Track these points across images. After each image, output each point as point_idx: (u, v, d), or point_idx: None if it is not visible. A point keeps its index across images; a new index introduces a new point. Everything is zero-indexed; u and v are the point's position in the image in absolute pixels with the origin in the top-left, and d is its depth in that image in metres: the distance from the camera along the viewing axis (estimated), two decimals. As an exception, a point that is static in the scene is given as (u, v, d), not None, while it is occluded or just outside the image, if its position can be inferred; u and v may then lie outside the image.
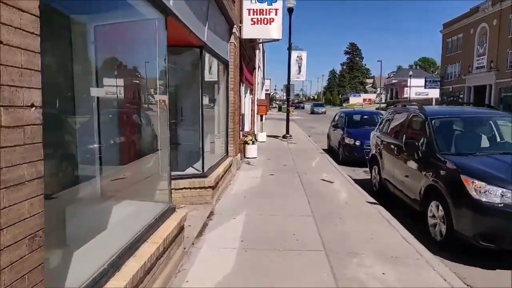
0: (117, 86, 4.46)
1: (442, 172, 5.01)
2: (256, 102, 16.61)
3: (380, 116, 12.65)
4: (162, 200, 4.08)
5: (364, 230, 5.21)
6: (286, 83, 17.26)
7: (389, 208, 6.29)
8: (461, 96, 47.30)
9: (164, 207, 3.92)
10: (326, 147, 14.95)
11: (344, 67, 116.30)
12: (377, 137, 7.94)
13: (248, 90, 14.95)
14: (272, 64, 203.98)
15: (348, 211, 6.11)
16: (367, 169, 10.61)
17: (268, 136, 18.60)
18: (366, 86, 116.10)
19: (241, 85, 12.27)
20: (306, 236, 4.90)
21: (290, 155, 12.44)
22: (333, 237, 4.92)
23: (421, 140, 5.77)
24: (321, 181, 8.42)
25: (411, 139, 6.02)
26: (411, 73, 58.20)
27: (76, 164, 3.55)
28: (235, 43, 8.92)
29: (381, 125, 8.09)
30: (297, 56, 16.98)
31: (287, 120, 17.46)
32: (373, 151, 7.98)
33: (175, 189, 5.47)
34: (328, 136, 14.45)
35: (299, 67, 17.00)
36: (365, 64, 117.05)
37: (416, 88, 59.47)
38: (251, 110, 16.29)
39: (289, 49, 16.57)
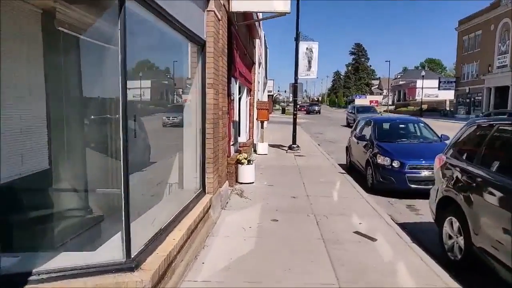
0: None
1: None
2: (255, 105, 13.41)
3: (422, 124, 9.40)
4: None
5: None
6: (293, 82, 14.06)
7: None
8: (479, 97, 43.88)
9: None
10: (343, 162, 11.73)
11: (350, 68, 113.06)
12: (451, 165, 4.71)
13: (245, 90, 11.78)
14: (274, 62, 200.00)
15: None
16: (411, 202, 7.43)
17: (270, 145, 15.41)
18: (372, 88, 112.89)
19: (234, 82, 9.07)
20: None
21: (299, 178, 9.20)
22: None
23: None
24: (354, 234, 5.20)
25: None
26: (423, 73, 54.79)
27: None
28: (219, 15, 5.73)
29: (457, 145, 4.87)
30: (307, 48, 13.68)
31: (294, 128, 14.22)
32: (444, 191, 4.73)
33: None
34: (348, 149, 11.18)
35: (309, 62, 13.68)
36: (370, 66, 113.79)
37: (426, 90, 56.09)
38: (250, 115, 13.10)
39: (297, 39, 13.38)
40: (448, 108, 53.65)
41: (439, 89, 50.69)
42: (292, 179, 9.00)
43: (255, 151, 13.36)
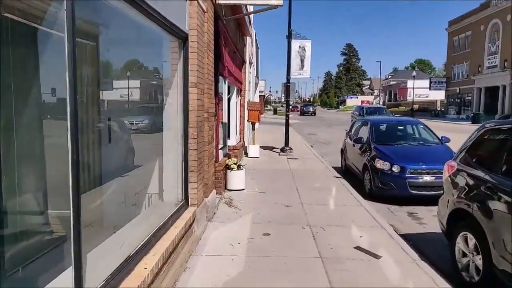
0: None
1: None
2: (246, 106, 12.83)
3: (421, 126, 8.92)
4: None
5: None
6: (286, 82, 13.49)
7: None
8: (469, 97, 43.93)
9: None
10: (338, 165, 11.23)
11: (341, 68, 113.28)
12: (464, 174, 4.19)
13: (235, 90, 11.20)
14: (266, 62, 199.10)
15: None
16: (412, 209, 6.95)
17: (262, 147, 14.84)
18: (363, 88, 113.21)
19: (222, 82, 8.48)
20: None
21: (293, 183, 8.64)
22: None
23: None
24: (356, 250, 4.65)
25: None
26: (414, 73, 54.72)
27: None
28: (203, 6, 5.15)
29: (470, 151, 4.34)
30: (299, 47, 13.11)
31: (287, 130, 13.65)
32: (456, 202, 4.20)
33: None
34: (343, 152, 10.65)
35: (302, 61, 13.09)
36: (361, 66, 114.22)
37: (417, 90, 56.11)
38: (240, 116, 12.52)
39: (289, 37, 12.82)
40: (439, 108, 53.74)
41: (430, 89, 50.70)
42: (285, 185, 8.44)
43: (246, 154, 12.79)
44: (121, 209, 4.57)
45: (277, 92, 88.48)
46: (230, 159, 7.84)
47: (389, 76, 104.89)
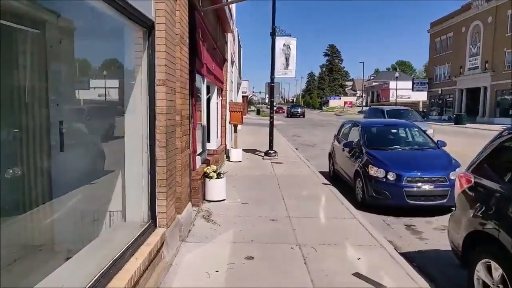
0: None
1: None
2: (228, 108, 12.07)
3: (415, 129, 8.36)
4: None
5: None
6: (270, 81, 12.79)
7: None
8: (450, 99, 44.29)
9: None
10: (325, 169, 10.60)
11: (324, 69, 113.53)
12: (484, 188, 3.54)
13: (215, 90, 10.42)
14: (249, 62, 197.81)
15: None
16: (409, 220, 6.39)
17: (245, 150, 14.11)
18: (346, 89, 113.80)
19: (201, 81, 7.72)
20: None
21: (278, 191, 7.92)
22: None
23: None
24: (354, 278, 3.95)
25: None
26: (397, 74, 55.00)
27: None
28: (175, -9, 4.38)
29: (491, 161, 3.70)
30: (284, 45, 12.38)
31: (271, 132, 12.92)
32: (474, 222, 3.54)
33: None
34: (332, 156, 10.00)
35: (287, 59, 12.35)
36: (343, 67, 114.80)
37: (399, 91, 56.38)
38: (222, 118, 11.74)
39: (273, 34, 12.11)
40: (421, 109, 54.10)
41: (413, 90, 50.95)
42: (270, 193, 7.71)
43: (228, 158, 12.02)
44: (75, 230, 3.77)
45: (260, 92, 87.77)
46: (209, 167, 7.06)
47: (372, 77, 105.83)
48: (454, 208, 4.20)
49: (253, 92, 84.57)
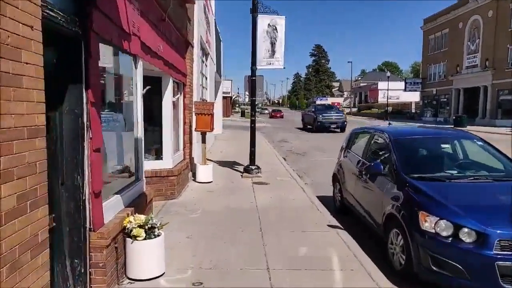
0: None
1: None
2: (193, 109, 8.85)
3: (479, 143, 5.30)
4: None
5: None
6: (249, 74, 9.63)
7: None
8: (445, 99, 41.90)
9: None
10: (324, 192, 7.58)
11: (310, 69, 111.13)
12: None
13: (171, 84, 7.21)
14: (232, 61, 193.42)
15: None
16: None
17: (220, 163, 10.98)
18: (333, 90, 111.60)
19: (132, 64, 4.55)
20: None
21: (260, 246, 4.74)
22: None
23: None
24: None
25: None
26: (388, 74, 52.54)
27: None
28: None
29: None
30: (269, 25, 9.11)
31: (252, 142, 9.66)
32: None
33: None
34: (338, 179, 6.82)
35: (272, 45, 9.07)
36: (330, 68, 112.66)
37: (388, 92, 53.93)
38: (184, 123, 8.49)
39: (253, 11, 8.95)
40: (414, 111, 51.76)
41: (405, 90, 48.43)
42: (246, 252, 4.54)
43: (194, 176, 8.83)
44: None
45: (245, 93, 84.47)
46: (132, 217, 3.84)
47: (359, 78, 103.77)
48: None
49: (238, 93, 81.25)
